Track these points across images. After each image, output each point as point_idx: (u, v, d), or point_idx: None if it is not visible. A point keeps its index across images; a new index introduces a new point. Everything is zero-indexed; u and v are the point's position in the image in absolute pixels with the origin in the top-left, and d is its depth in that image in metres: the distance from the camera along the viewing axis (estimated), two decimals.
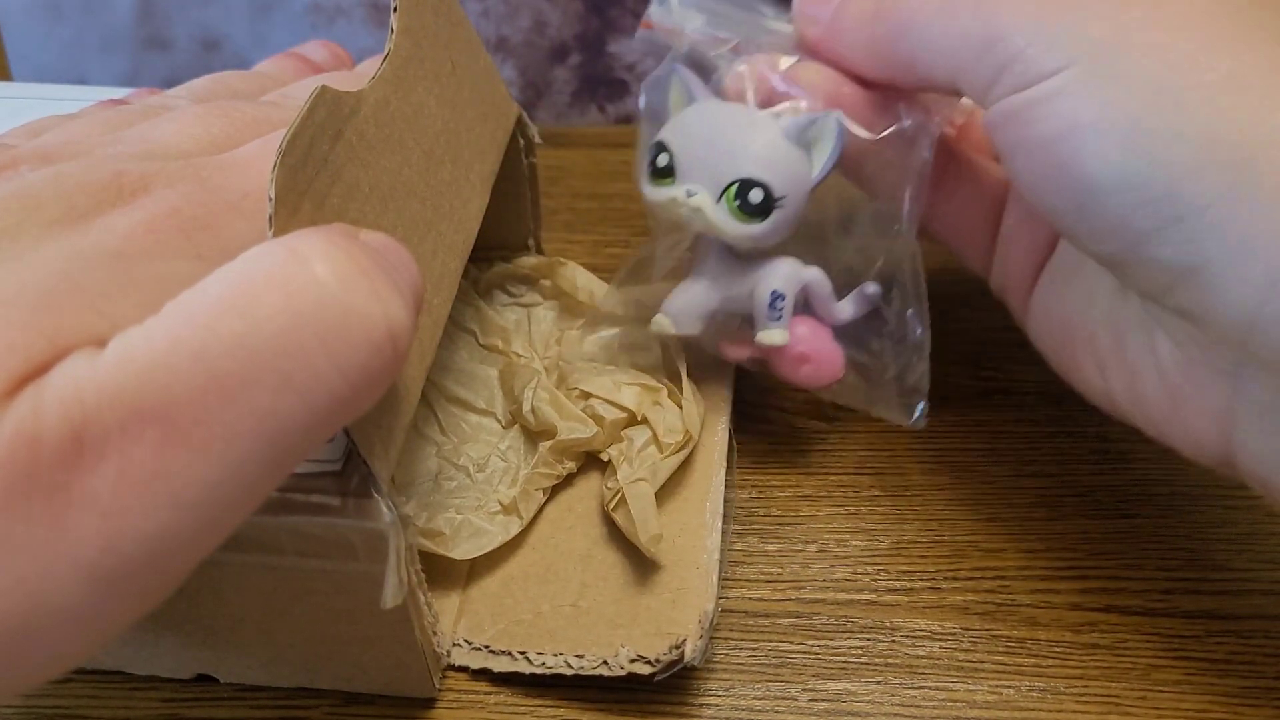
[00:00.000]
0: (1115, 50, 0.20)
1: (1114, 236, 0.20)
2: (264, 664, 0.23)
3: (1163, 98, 0.19)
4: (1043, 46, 0.20)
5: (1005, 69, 0.21)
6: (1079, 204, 0.20)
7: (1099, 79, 0.20)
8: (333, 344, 0.14)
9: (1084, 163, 0.20)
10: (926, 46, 0.23)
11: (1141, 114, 0.19)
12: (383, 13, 0.39)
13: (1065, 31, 0.20)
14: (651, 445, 0.26)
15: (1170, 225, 0.19)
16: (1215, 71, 0.19)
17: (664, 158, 0.25)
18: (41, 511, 0.13)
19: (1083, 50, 0.20)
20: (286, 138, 0.16)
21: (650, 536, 0.24)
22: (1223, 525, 0.26)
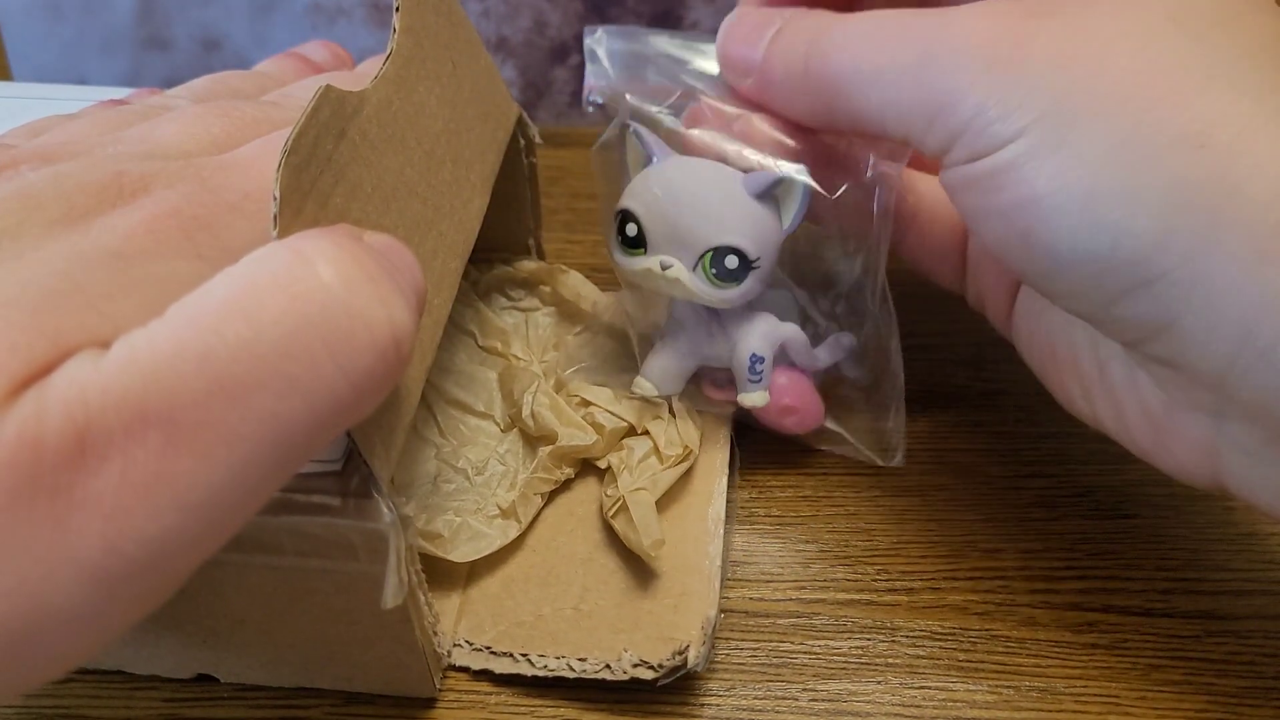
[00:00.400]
0: (1065, 117, 0.19)
1: (1082, 298, 0.20)
2: (264, 664, 0.23)
3: (1118, 165, 0.19)
4: (992, 115, 0.20)
5: (957, 138, 0.21)
6: (1042, 269, 0.20)
7: (1051, 148, 0.19)
8: (338, 348, 0.14)
9: (1045, 234, 0.20)
10: (868, 110, 0.22)
11: (1097, 183, 0.19)
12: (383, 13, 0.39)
13: (1013, 98, 0.20)
14: (652, 456, 0.26)
15: (1138, 288, 0.19)
16: (1168, 131, 0.19)
17: (632, 228, 0.25)
18: (44, 513, 0.13)
19: (1032, 118, 0.19)
20: (291, 137, 0.16)
21: (652, 542, 0.24)
22: (1222, 525, 0.26)
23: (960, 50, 0.20)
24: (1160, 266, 0.19)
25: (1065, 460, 0.28)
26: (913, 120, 0.21)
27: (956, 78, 0.20)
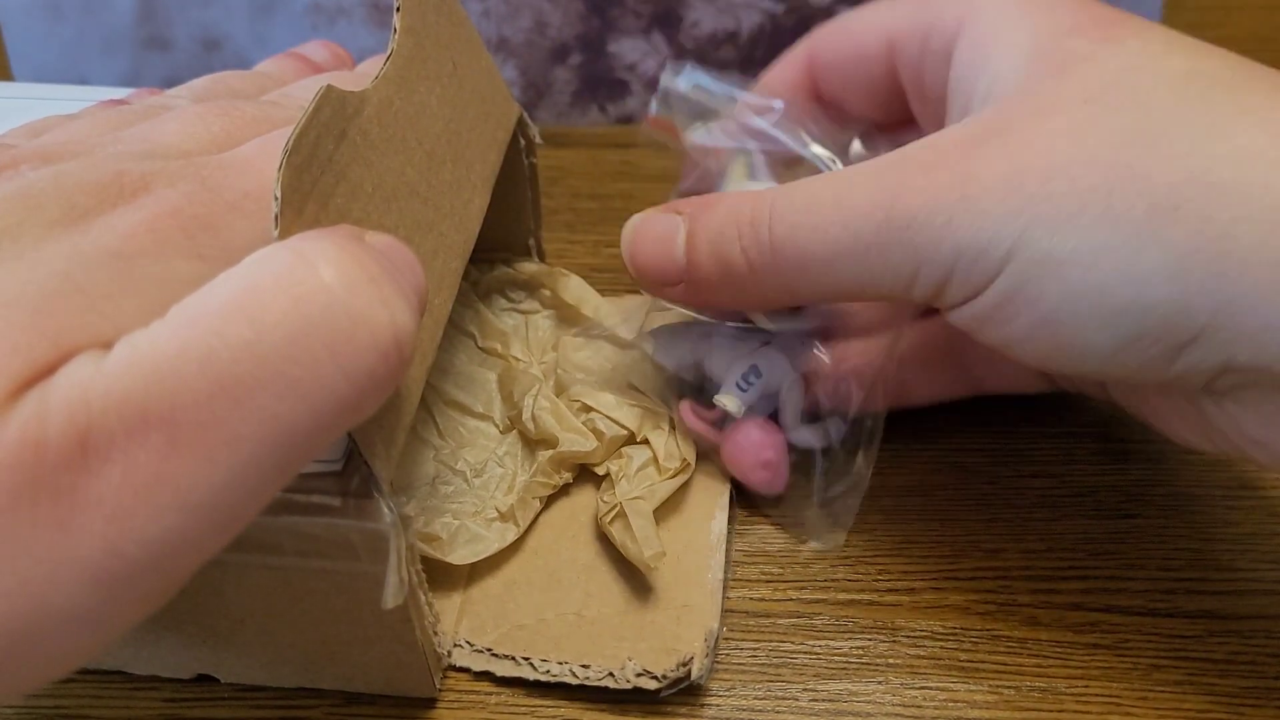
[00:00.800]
0: (1041, 230, 0.19)
1: (1141, 373, 0.20)
2: (265, 664, 0.23)
3: (1111, 253, 0.19)
4: (973, 255, 0.20)
5: (945, 286, 0.21)
6: (1092, 367, 0.20)
7: (1040, 264, 0.19)
8: (340, 350, 0.14)
9: (1076, 339, 0.20)
10: (838, 286, 0.22)
11: (1100, 276, 0.19)
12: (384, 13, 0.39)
13: (985, 231, 0.20)
14: (651, 466, 0.26)
15: (1185, 347, 0.19)
16: (1138, 206, 0.19)
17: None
18: (46, 514, 0.13)
19: (1011, 242, 0.19)
20: (292, 137, 0.16)
21: (653, 554, 0.24)
22: (1225, 525, 0.26)
23: (915, 215, 0.20)
24: (1195, 324, 0.19)
25: (1068, 460, 0.28)
26: (893, 284, 0.21)
27: (922, 239, 0.20)
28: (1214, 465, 0.27)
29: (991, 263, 0.20)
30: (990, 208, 0.20)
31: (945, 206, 0.20)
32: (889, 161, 0.22)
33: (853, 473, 0.26)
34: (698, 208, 0.24)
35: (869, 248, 0.21)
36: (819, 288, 0.22)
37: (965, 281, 0.20)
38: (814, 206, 0.22)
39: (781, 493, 0.27)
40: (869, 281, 0.21)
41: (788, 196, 0.22)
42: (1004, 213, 0.20)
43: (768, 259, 0.22)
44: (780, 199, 0.22)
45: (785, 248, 0.22)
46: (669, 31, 0.40)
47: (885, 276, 0.21)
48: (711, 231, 0.23)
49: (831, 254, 0.21)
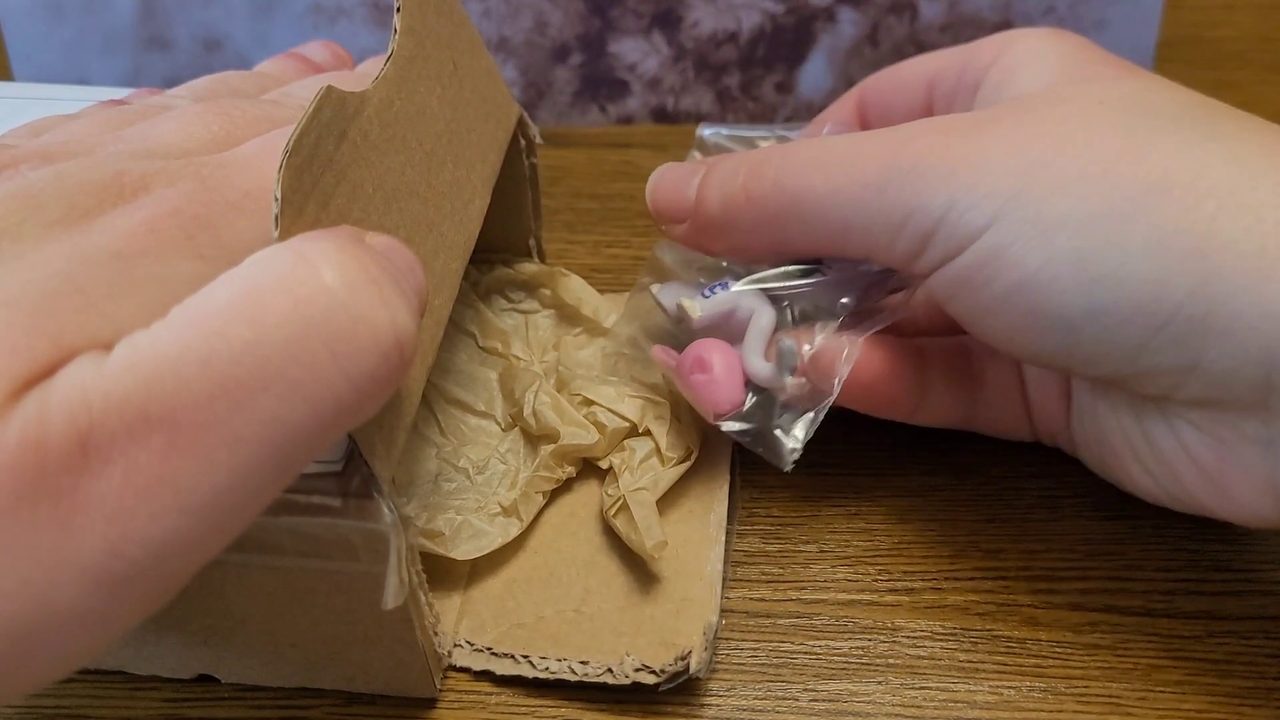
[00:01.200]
0: (1033, 194, 0.20)
1: (1104, 360, 0.21)
2: (265, 664, 0.23)
3: (1097, 224, 0.20)
4: (963, 207, 0.20)
5: (929, 239, 0.21)
6: (1059, 343, 0.21)
7: (1029, 225, 0.20)
8: (341, 352, 0.14)
9: (1048, 307, 0.20)
10: (825, 231, 0.23)
11: (1083, 244, 0.20)
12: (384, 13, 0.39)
13: (980, 188, 0.20)
14: (654, 457, 0.26)
15: (1155, 334, 0.19)
16: (1132, 183, 0.19)
17: None
18: (47, 515, 0.13)
19: (1002, 202, 0.20)
20: (292, 138, 0.16)
21: (655, 544, 0.24)
22: (1224, 526, 0.26)
23: (920, 160, 0.21)
24: (1169, 306, 0.19)
25: (1067, 460, 0.28)
26: (878, 233, 0.22)
27: (921, 183, 0.21)
28: None
29: (980, 218, 0.20)
30: (992, 164, 0.21)
31: (951, 157, 0.21)
32: (905, 125, 0.23)
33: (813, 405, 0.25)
34: (718, 157, 0.25)
35: (866, 186, 0.22)
36: (809, 230, 0.23)
37: (950, 236, 0.21)
38: (826, 148, 0.23)
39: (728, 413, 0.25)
40: (858, 226, 0.22)
41: (801, 144, 0.24)
42: (1005, 170, 0.20)
43: (766, 192, 0.23)
44: (793, 146, 0.24)
45: (786, 181, 0.23)
46: (669, 31, 0.40)
47: (875, 222, 0.22)
48: (722, 169, 0.24)
49: (829, 190, 0.22)
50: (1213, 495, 0.21)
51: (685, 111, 0.42)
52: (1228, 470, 0.21)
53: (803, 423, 0.25)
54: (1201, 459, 0.21)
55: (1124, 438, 0.23)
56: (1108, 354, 0.20)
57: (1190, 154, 0.20)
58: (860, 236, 0.22)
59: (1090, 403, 0.24)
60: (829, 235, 0.23)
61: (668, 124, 0.42)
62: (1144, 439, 0.22)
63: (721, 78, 0.41)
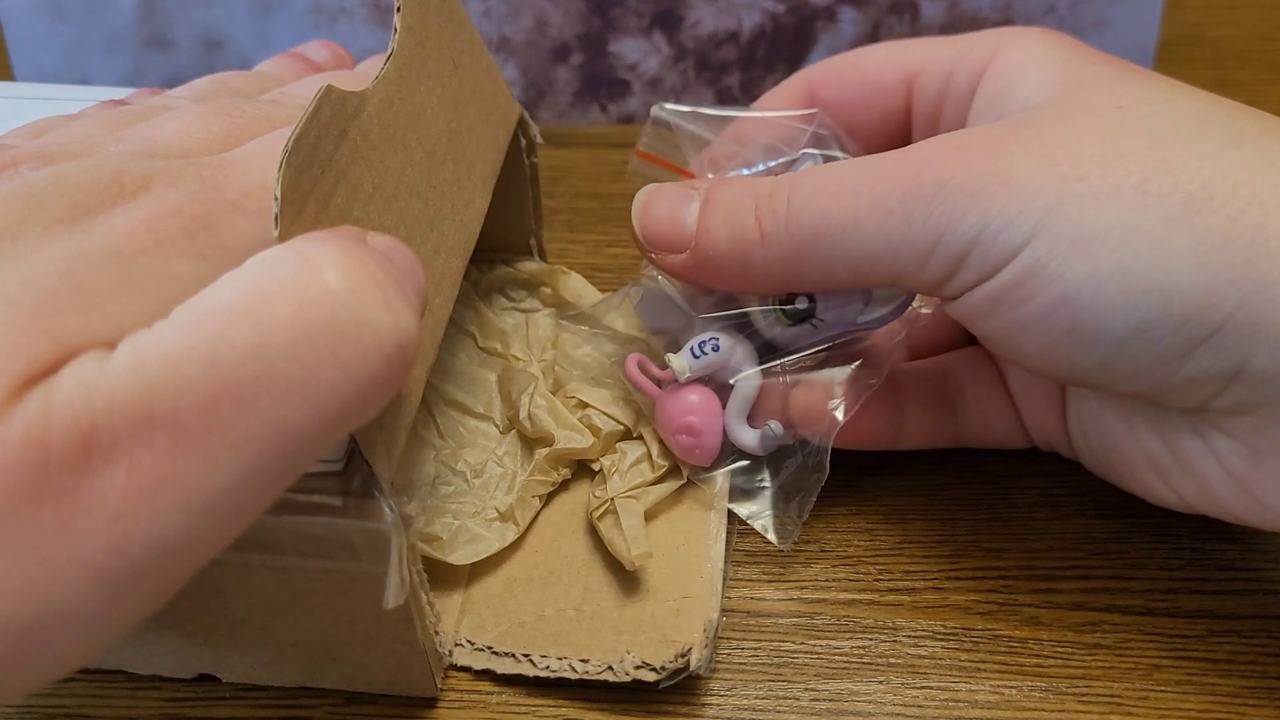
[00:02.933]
0: (1071, 208, 0.19)
1: (1147, 372, 0.20)
2: (266, 663, 0.23)
3: (1140, 236, 0.19)
4: (996, 228, 0.20)
5: (962, 262, 0.20)
6: (1100, 358, 0.20)
7: (1069, 240, 0.19)
8: (344, 353, 0.14)
9: (1091, 322, 0.20)
10: (848, 262, 0.22)
11: (1126, 258, 0.19)
12: (384, 12, 0.39)
13: (1014, 206, 0.20)
14: (644, 462, 0.26)
15: (1201, 344, 0.19)
16: (1174, 194, 0.19)
17: None
18: (50, 515, 0.13)
19: (1039, 218, 0.20)
20: (292, 138, 0.16)
21: (639, 554, 0.24)
22: (1225, 525, 0.26)
23: (946, 181, 0.20)
24: (1218, 315, 0.19)
25: (1068, 460, 0.28)
26: (905, 260, 0.21)
27: (949, 206, 0.20)
28: None
29: (1017, 236, 0.20)
30: (1023, 179, 0.20)
31: (977, 176, 0.20)
32: (917, 146, 0.22)
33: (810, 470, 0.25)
34: (715, 183, 0.24)
35: (890, 215, 0.21)
36: (829, 263, 0.22)
37: (985, 256, 0.20)
38: (837, 177, 0.22)
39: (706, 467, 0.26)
40: (883, 254, 0.21)
41: (810, 174, 0.22)
42: (1037, 186, 0.20)
43: (781, 227, 0.22)
44: (802, 175, 0.23)
45: (802, 214, 0.22)
46: (670, 31, 0.40)
47: (902, 249, 0.21)
48: (727, 201, 0.23)
49: (849, 221, 0.21)
50: (1244, 502, 0.21)
51: None
52: (1262, 478, 0.20)
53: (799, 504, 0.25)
54: (1234, 467, 0.21)
55: (1140, 450, 0.23)
56: (1150, 367, 0.20)
57: (1225, 162, 0.19)
58: (886, 265, 0.21)
59: (1097, 416, 0.24)
60: (850, 267, 0.22)
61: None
62: (1166, 451, 0.22)
63: (722, 77, 0.41)
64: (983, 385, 0.27)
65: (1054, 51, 0.23)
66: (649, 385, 0.26)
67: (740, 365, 0.25)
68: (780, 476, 0.26)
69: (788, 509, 0.25)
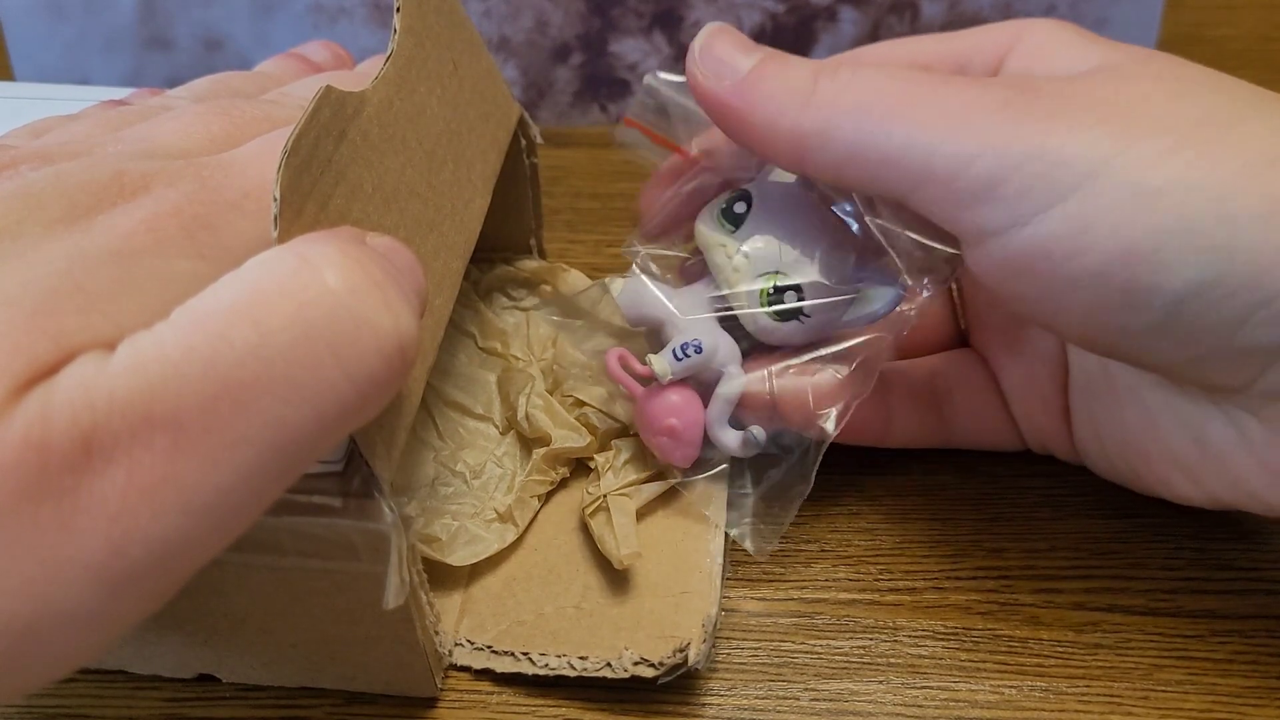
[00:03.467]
0: (1129, 161, 0.19)
1: (1196, 341, 0.19)
2: (266, 664, 0.23)
3: (1206, 194, 0.18)
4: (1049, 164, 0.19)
5: (997, 188, 0.19)
6: (1152, 321, 0.19)
7: (1130, 193, 0.19)
8: (344, 354, 0.14)
9: (1149, 280, 0.19)
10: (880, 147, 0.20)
11: (1191, 215, 0.18)
12: (384, 12, 0.39)
13: (1071, 150, 0.19)
14: (638, 459, 0.26)
15: (1259, 309, 0.19)
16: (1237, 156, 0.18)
17: (741, 206, 0.24)
18: (50, 515, 0.13)
19: (1094, 167, 0.19)
20: (291, 138, 0.16)
21: (629, 553, 0.24)
22: (1226, 525, 0.26)
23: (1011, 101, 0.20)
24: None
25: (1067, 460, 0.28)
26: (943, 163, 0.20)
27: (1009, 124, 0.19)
28: None
29: (1068, 177, 0.19)
30: (1088, 124, 0.19)
31: (1044, 109, 0.19)
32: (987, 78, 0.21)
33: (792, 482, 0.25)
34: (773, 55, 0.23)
35: (945, 114, 0.20)
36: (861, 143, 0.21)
37: (1025, 189, 0.19)
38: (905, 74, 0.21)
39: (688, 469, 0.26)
40: (922, 150, 0.20)
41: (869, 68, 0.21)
42: (1100, 133, 0.19)
43: (833, 91, 0.21)
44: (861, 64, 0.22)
45: (857, 85, 0.21)
46: (670, 31, 0.40)
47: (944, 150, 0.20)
48: (789, 59, 0.22)
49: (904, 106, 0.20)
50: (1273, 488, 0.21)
51: None
52: None
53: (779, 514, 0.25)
54: (1271, 457, 0.20)
55: (1163, 446, 0.22)
56: (1203, 333, 0.19)
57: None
58: (919, 164, 0.20)
59: (1114, 415, 0.23)
60: (881, 154, 0.20)
61: None
62: (1194, 444, 0.22)
63: None
64: (973, 386, 0.27)
65: (1080, 36, 0.22)
66: (631, 382, 0.25)
67: (724, 366, 0.25)
68: (762, 485, 0.26)
69: (768, 518, 0.25)
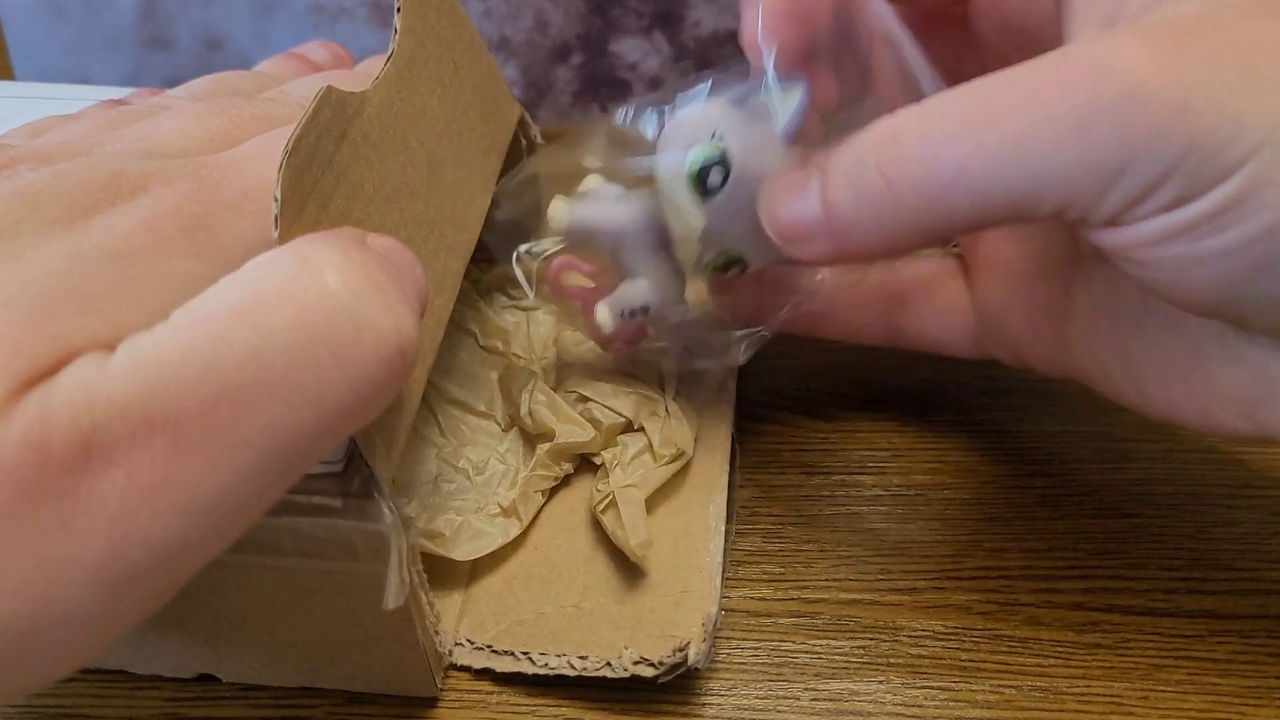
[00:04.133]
0: None
1: None
2: (266, 663, 0.23)
3: None
4: (1208, 152, 0.17)
5: (1158, 188, 0.17)
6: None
7: None
8: (344, 356, 0.14)
9: None
10: (1004, 196, 0.18)
11: None
12: (385, 12, 0.39)
13: (1225, 131, 0.17)
14: (646, 453, 0.26)
15: None
16: None
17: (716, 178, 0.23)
18: (49, 515, 0.13)
19: (1254, 143, 0.17)
20: (292, 138, 0.16)
21: (640, 543, 0.24)
22: (1226, 525, 0.26)
23: (1136, 93, 0.17)
24: None
25: (1068, 459, 0.28)
26: (1083, 186, 0.18)
27: (1145, 123, 0.17)
28: (1215, 465, 0.27)
29: (1230, 160, 0.17)
30: (1233, 94, 0.17)
31: (1177, 87, 0.17)
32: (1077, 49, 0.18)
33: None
34: (830, 152, 0.21)
35: (1063, 134, 0.17)
36: (983, 199, 0.18)
37: (1189, 182, 0.17)
38: (979, 97, 0.18)
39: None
40: (1053, 181, 0.18)
41: (939, 99, 0.19)
42: (1249, 103, 0.17)
43: (912, 169, 0.19)
44: (929, 105, 0.19)
45: (938, 148, 0.18)
46: (670, 31, 0.40)
47: (1077, 173, 0.17)
48: (843, 163, 0.20)
49: (1006, 145, 0.18)
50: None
51: None
52: None
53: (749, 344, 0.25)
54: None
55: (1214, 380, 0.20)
56: None
57: None
58: (1055, 193, 0.18)
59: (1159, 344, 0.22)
60: (1009, 201, 0.18)
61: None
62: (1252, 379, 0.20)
63: None
64: (935, 285, 0.25)
65: None
66: (575, 293, 0.25)
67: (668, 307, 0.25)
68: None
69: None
